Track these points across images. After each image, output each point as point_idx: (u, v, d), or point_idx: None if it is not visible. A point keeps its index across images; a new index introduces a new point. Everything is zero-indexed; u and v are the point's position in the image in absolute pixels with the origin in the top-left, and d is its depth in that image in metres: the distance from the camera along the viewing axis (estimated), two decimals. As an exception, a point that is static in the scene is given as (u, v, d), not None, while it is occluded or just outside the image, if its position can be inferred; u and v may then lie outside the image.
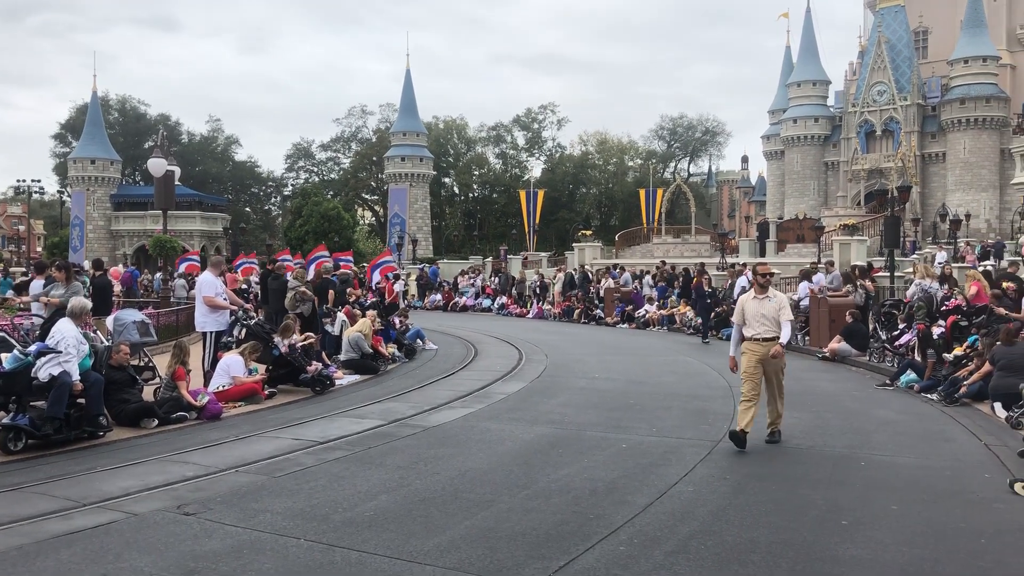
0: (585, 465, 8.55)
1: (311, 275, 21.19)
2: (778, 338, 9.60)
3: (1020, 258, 25.77)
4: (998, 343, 12.38)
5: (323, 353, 15.02)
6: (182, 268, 32.08)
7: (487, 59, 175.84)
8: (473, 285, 39.18)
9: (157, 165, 20.35)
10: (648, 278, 30.94)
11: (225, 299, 13.55)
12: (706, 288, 24.45)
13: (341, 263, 27.63)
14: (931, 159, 70.05)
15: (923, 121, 70.08)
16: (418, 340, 20.04)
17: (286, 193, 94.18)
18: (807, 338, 21.03)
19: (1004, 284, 15.48)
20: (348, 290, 20.23)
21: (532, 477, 8.04)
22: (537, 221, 68.19)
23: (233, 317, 14.35)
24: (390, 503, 7.12)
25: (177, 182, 24.81)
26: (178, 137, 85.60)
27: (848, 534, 6.44)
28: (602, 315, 29.75)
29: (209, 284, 13.31)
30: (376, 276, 29.43)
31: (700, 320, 24.11)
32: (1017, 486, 7.60)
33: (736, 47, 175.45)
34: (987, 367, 12.39)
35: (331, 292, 19.44)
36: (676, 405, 12.30)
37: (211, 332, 13.33)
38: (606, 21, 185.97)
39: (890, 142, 70.10)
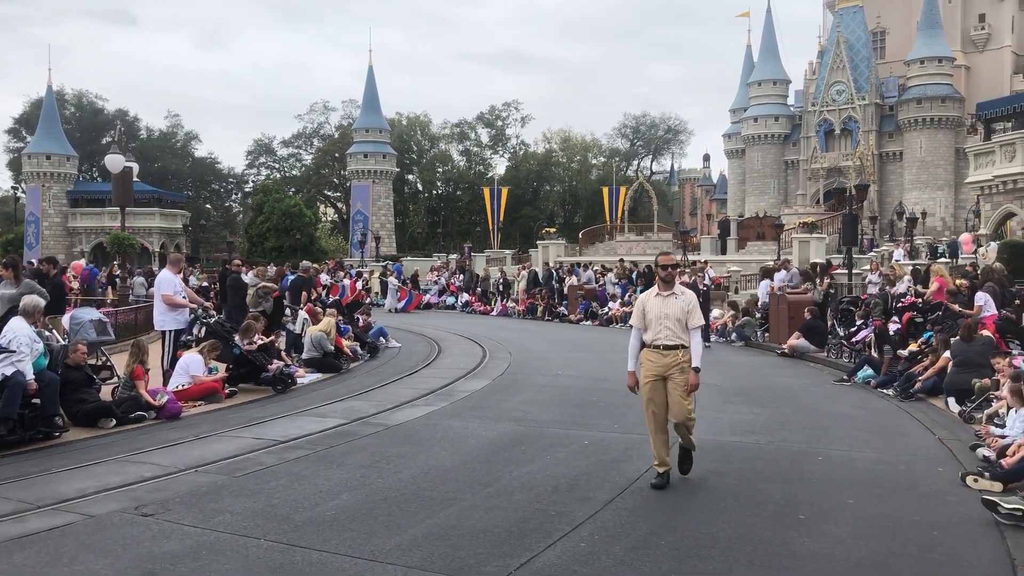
0: (547, 462, 8.58)
1: (272, 273, 21.05)
2: (684, 346, 7.67)
3: (975, 255, 26.30)
4: (955, 339, 12.63)
5: (282, 352, 14.88)
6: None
7: (448, 56, 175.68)
8: (437, 282, 39.08)
9: (115, 161, 20.03)
10: (611, 275, 31.09)
11: (184, 297, 13.38)
12: (701, 287, 22.04)
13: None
14: (888, 158, 71.28)
15: (881, 120, 71.29)
16: (381, 338, 19.95)
17: (247, 190, 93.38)
18: (767, 334, 21.29)
19: (957, 281, 15.80)
20: (303, 292, 20.03)
21: (494, 475, 8.05)
22: (501, 218, 68.21)
23: (192, 315, 14.19)
24: (352, 502, 7.10)
25: (136, 178, 24.45)
26: (136, 133, 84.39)
27: (805, 528, 6.53)
28: (566, 312, 29.84)
29: (167, 282, 13.12)
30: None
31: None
32: (969, 479, 7.77)
33: (695, 46, 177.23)
34: (941, 362, 12.63)
35: (304, 292, 19.33)
36: (638, 402, 12.22)
37: (170, 331, 13.14)
38: (565, 19, 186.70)
39: (848, 141, 71.25)
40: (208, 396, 12.21)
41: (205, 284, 28.57)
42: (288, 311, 17.57)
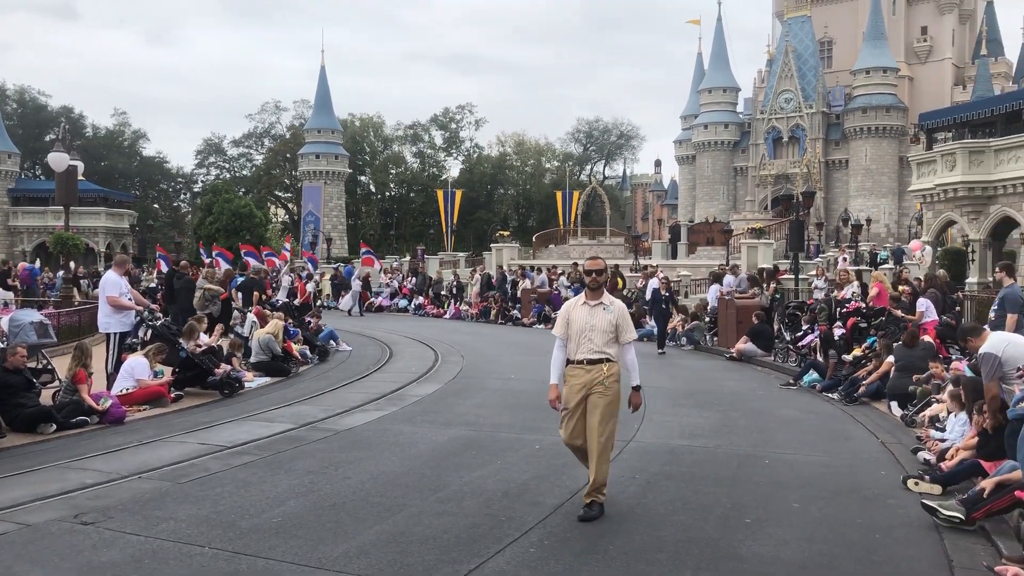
0: (498, 467, 8.58)
1: (222, 274, 20.78)
2: (610, 359, 6.91)
3: (916, 263, 26.95)
4: (898, 343, 12.91)
5: (233, 357, 14.65)
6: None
7: (401, 57, 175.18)
8: (389, 285, 38.81)
9: (58, 159, 19.57)
10: (564, 278, 31.19)
11: (130, 299, 13.12)
12: (663, 292, 21.60)
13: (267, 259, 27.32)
14: (835, 165, 72.68)
15: (827, 129, 72.67)
16: (331, 341, 19.77)
17: (196, 190, 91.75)
18: (715, 338, 21.55)
19: (899, 288, 16.15)
20: (256, 293, 19.80)
21: (444, 480, 8.02)
22: (455, 221, 68.04)
23: (138, 318, 13.93)
24: (299, 509, 7.01)
25: (81, 177, 23.91)
26: (82, 130, 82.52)
27: (751, 532, 6.62)
28: (519, 316, 29.88)
29: (113, 283, 12.84)
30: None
31: (656, 328, 21.36)
32: (909, 482, 7.95)
33: (646, 52, 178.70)
34: (885, 367, 12.90)
35: (256, 292, 19.12)
36: (589, 406, 12.41)
37: (115, 333, 12.88)
38: (518, 22, 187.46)
39: (796, 148, 72.49)
40: (153, 400, 11.98)
41: (153, 285, 28.06)
42: (236, 313, 17.34)
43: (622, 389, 7.01)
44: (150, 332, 14.46)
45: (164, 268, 18.42)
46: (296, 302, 25.41)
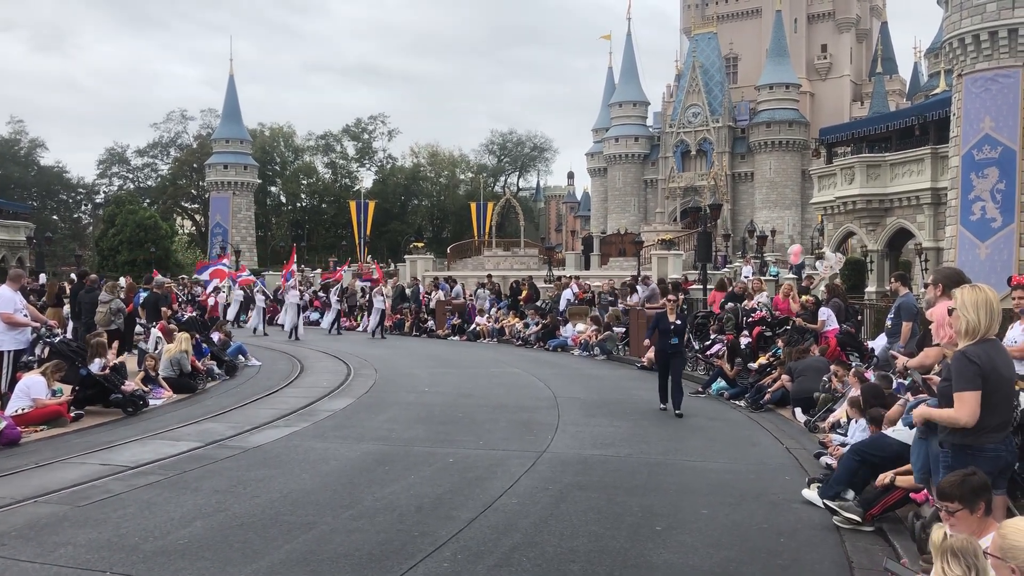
0: (411, 481, 8.52)
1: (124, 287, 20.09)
2: None
3: (817, 272, 27.87)
4: (796, 354, 13.33)
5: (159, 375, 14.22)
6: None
7: (301, 67, 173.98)
8: (302, 297, 38.09)
9: (-53, 169, 18.69)
10: (481, 290, 31.25)
11: (25, 315, 12.58)
12: (672, 319, 13.46)
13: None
14: (741, 178, 74.83)
15: (733, 142, 74.86)
16: (240, 356, 19.32)
17: (98, 201, 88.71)
18: (627, 348, 21.86)
19: (803, 298, 16.68)
20: (163, 309, 19.21)
21: (357, 496, 7.93)
22: (368, 232, 67.49)
23: (35, 334, 13.37)
24: (205, 529, 6.83)
25: (-29, 187, 22.85)
26: (-27, 138, 78.98)
27: (661, 539, 6.74)
28: (434, 327, 29.77)
29: (7, 299, 12.31)
30: (205, 276, 28.52)
31: (659, 372, 13.70)
32: (812, 486, 8.19)
33: (550, 67, 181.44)
34: (787, 377, 13.29)
35: (164, 309, 18.59)
36: (503, 417, 12.47)
37: (9, 351, 12.33)
38: (417, 34, 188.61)
39: (704, 161, 74.42)
40: (51, 420, 11.50)
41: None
42: (140, 329, 16.82)
43: None
44: (47, 349, 13.89)
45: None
46: (195, 314, 24.74)
